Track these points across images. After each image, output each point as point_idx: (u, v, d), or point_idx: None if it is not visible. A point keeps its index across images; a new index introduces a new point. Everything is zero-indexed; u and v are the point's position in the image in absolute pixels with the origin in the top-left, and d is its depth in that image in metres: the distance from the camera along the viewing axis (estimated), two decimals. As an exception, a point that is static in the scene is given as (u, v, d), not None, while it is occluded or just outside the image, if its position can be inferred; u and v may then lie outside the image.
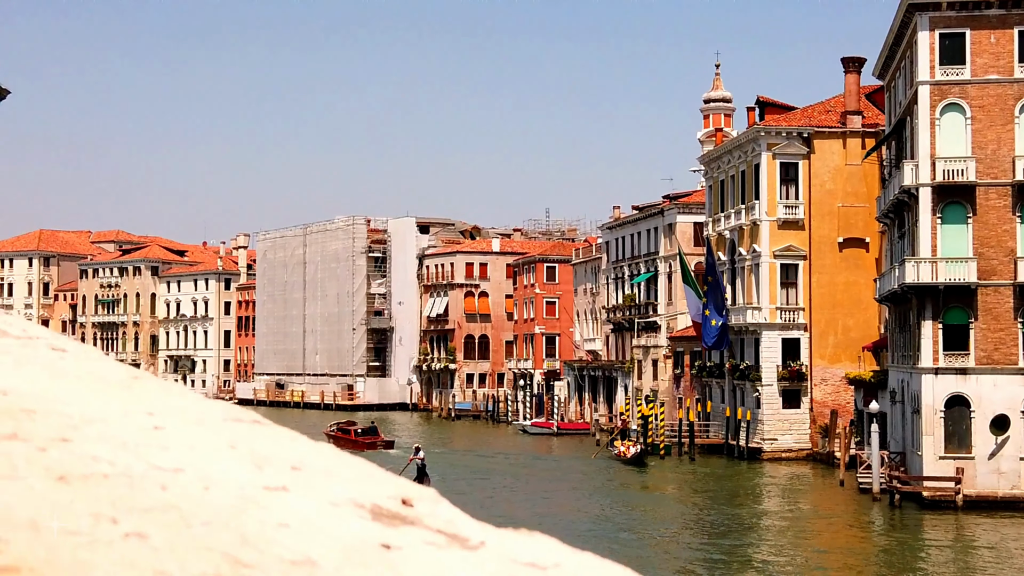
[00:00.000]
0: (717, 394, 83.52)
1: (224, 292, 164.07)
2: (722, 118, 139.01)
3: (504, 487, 63.41)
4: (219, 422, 1.60)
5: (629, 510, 55.57)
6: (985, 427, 54.21)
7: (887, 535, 49.71)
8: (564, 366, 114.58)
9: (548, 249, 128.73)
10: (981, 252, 54.69)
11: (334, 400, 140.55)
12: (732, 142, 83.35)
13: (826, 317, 76.54)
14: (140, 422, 1.47)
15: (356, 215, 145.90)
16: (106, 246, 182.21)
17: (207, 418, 1.61)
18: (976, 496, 53.46)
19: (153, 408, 1.54)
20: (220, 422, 1.60)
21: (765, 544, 46.95)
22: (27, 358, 1.66)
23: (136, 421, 1.47)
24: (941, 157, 55.14)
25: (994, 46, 55.20)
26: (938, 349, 54.88)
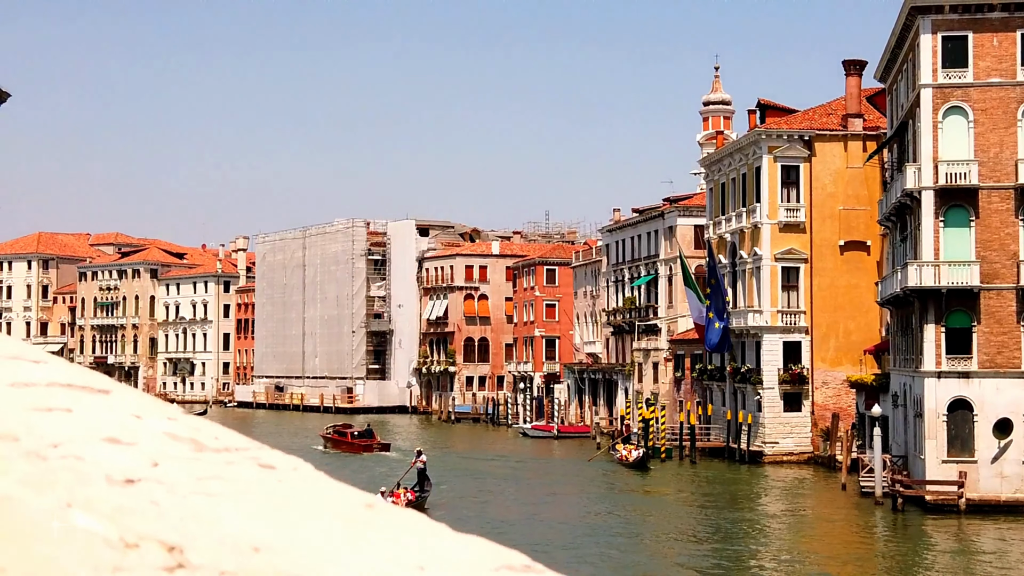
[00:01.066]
0: (718, 397, 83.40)
1: (223, 295, 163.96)
2: (721, 120, 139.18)
3: (504, 490, 63.25)
4: (491, 572, 1.42)
5: (630, 514, 55.44)
6: (988, 431, 54.09)
7: (890, 539, 49.62)
8: (564, 369, 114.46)
9: (548, 252, 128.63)
10: (984, 255, 54.59)
11: (333, 403, 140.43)
12: (733, 145, 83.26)
13: (827, 320, 76.44)
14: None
15: (355, 218, 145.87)
16: (105, 248, 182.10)
17: (478, 566, 1.42)
18: (979, 500, 53.33)
19: (419, 559, 1.34)
20: (492, 572, 1.42)
21: (768, 548, 46.82)
22: (241, 484, 1.45)
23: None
24: (943, 160, 55.05)
25: (996, 49, 55.11)
26: (941, 353, 54.78)
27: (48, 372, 1.64)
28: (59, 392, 1.56)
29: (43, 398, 1.51)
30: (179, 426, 1.58)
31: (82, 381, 1.63)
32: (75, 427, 1.44)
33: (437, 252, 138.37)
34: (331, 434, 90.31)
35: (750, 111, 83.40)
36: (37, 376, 1.61)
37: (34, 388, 1.55)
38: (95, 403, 1.56)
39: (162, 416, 1.61)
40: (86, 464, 1.35)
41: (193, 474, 1.40)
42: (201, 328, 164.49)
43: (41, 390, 1.55)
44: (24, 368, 1.65)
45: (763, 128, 78.08)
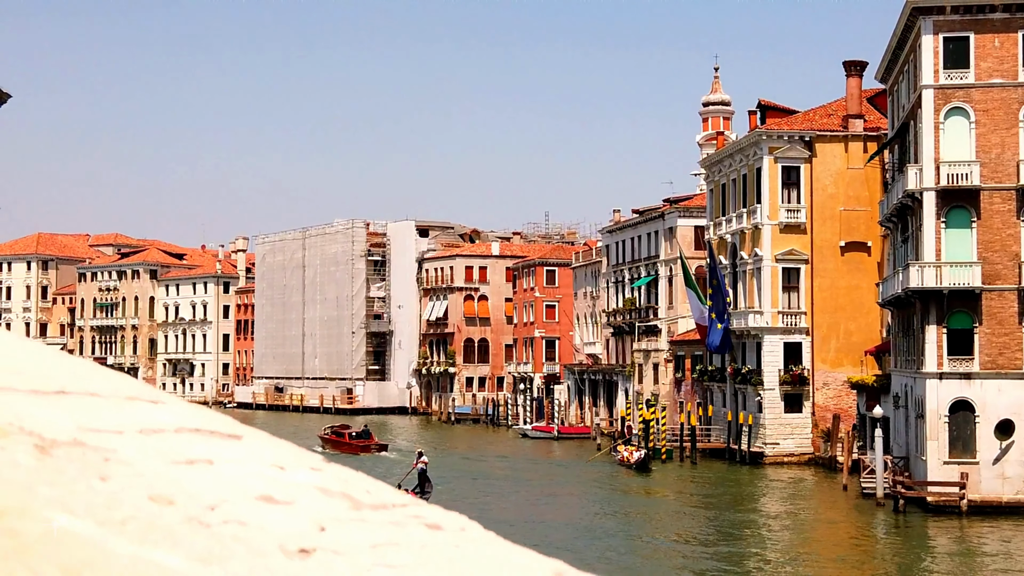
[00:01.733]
0: (718, 398, 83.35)
1: (223, 295, 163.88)
2: (721, 121, 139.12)
3: (505, 491, 63.19)
4: None
5: (632, 515, 55.39)
6: (989, 432, 54.05)
7: (891, 540, 49.57)
8: (564, 370, 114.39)
9: (548, 252, 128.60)
10: (985, 256, 54.55)
11: (333, 404, 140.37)
12: (733, 145, 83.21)
13: (828, 321, 76.39)
14: None
15: (355, 218, 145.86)
16: (104, 249, 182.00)
17: None
18: (980, 501, 53.28)
19: None
20: None
21: (769, 549, 46.77)
22: (417, 551, 1.31)
23: None
24: (945, 161, 55.00)
25: (998, 50, 55.07)
26: (942, 354, 54.73)
27: (172, 415, 1.54)
28: (192, 440, 1.47)
29: (179, 448, 1.41)
30: (327, 478, 1.46)
31: (209, 424, 1.54)
32: (224, 484, 1.34)
33: (437, 253, 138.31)
34: (329, 435, 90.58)
35: (750, 112, 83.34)
36: (163, 420, 1.51)
37: (165, 436, 1.45)
38: (232, 452, 1.47)
39: (305, 466, 1.50)
40: (252, 531, 1.24)
41: (366, 541, 1.28)
42: (201, 329, 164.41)
43: (172, 437, 1.45)
44: (145, 410, 1.54)
45: (763, 129, 78.03)
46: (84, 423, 1.42)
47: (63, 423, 1.41)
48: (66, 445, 1.33)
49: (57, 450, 1.31)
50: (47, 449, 1.31)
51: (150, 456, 1.36)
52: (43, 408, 1.44)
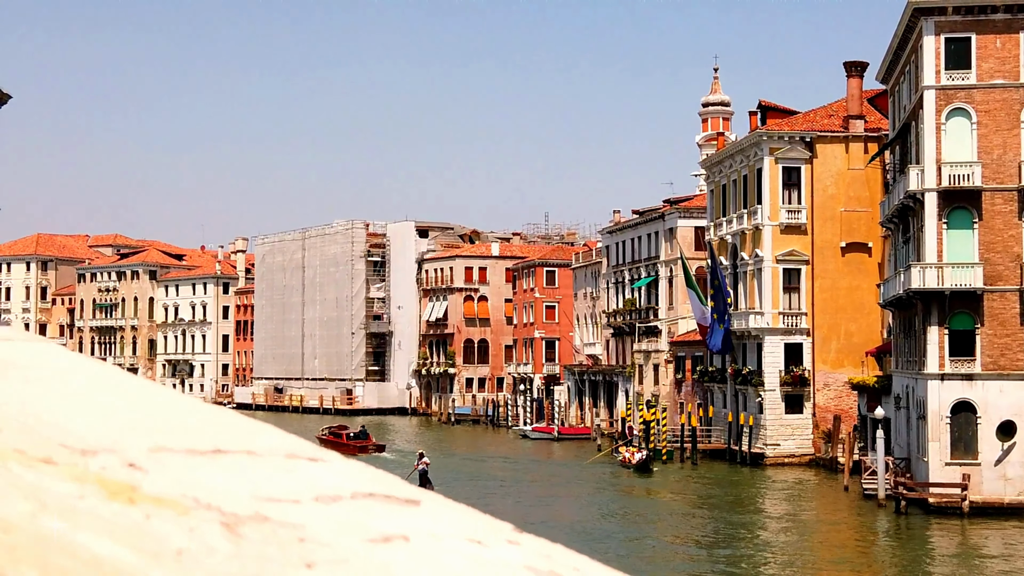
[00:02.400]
0: (719, 399, 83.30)
1: (222, 296, 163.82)
2: (720, 122, 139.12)
3: (506, 492, 63.14)
4: None
5: (634, 516, 55.33)
6: (991, 433, 54.01)
7: (893, 542, 49.54)
8: (564, 370, 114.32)
9: (547, 253, 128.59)
10: (987, 257, 54.50)
11: (333, 404, 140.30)
12: (734, 146, 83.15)
13: (829, 322, 76.34)
14: None
15: (355, 219, 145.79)
16: (104, 250, 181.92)
17: None
18: (982, 503, 53.23)
19: None
20: None
21: (771, 551, 46.72)
22: None
23: None
24: (947, 162, 54.95)
25: (1000, 51, 55.03)
26: (944, 355, 54.68)
27: (340, 476, 1.41)
28: (373, 509, 1.32)
29: (365, 521, 1.26)
30: (530, 554, 1.34)
31: (381, 487, 1.39)
32: (431, 568, 1.19)
33: (436, 253, 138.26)
34: (326, 436, 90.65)
35: (751, 112, 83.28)
36: (334, 484, 1.36)
37: (344, 505, 1.31)
38: (420, 523, 1.32)
39: (501, 538, 1.37)
40: None
41: None
42: (200, 330, 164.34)
43: (352, 507, 1.31)
44: (312, 472, 1.41)
45: (764, 129, 77.98)
46: (258, 491, 1.28)
47: (237, 492, 1.27)
48: (251, 521, 1.20)
49: (245, 528, 1.18)
50: (235, 528, 1.17)
51: (343, 533, 1.22)
52: (208, 473, 1.32)
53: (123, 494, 1.19)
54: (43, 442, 1.30)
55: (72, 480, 1.20)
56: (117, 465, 1.27)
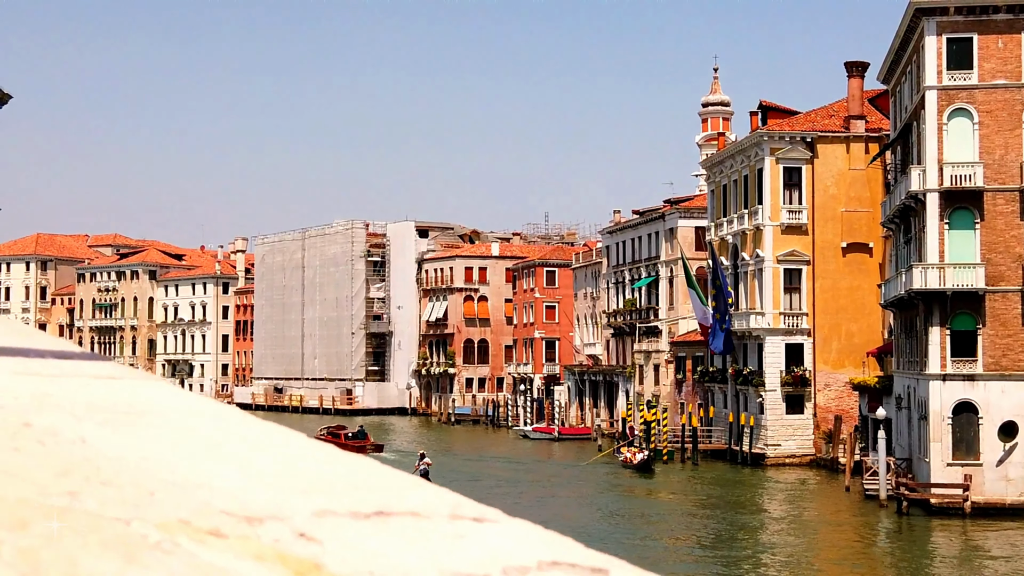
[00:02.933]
0: (719, 399, 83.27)
1: (222, 296, 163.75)
2: (720, 122, 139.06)
3: (508, 493, 63.06)
4: None
5: (635, 517, 55.29)
6: (993, 434, 53.98)
7: (895, 542, 49.50)
8: (564, 371, 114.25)
9: (547, 253, 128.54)
10: (989, 258, 54.46)
11: (333, 404, 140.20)
12: (735, 146, 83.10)
13: (829, 322, 76.32)
14: None
15: (355, 219, 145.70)
16: (103, 250, 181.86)
17: None
18: (984, 503, 53.21)
19: None
20: None
21: (773, 551, 46.68)
22: None
23: None
24: (948, 162, 54.91)
25: (1001, 51, 54.99)
26: (946, 355, 54.64)
27: (519, 543, 1.30)
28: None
29: None
30: None
31: (565, 554, 1.30)
32: None
33: (436, 253, 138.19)
34: (324, 436, 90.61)
35: (752, 113, 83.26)
36: (519, 554, 1.27)
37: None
38: None
39: None
40: None
41: None
42: (200, 330, 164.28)
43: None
44: (487, 538, 1.30)
45: (765, 130, 77.96)
46: (442, 566, 1.18)
47: (422, 568, 1.17)
48: None
49: None
50: None
51: None
52: (382, 543, 1.21)
53: (309, 575, 1.09)
54: (203, 508, 1.20)
55: (252, 558, 1.09)
56: (289, 536, 1.16)
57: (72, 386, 1.43)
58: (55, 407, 1.38)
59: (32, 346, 1.52)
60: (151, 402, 1.54)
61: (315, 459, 1.48)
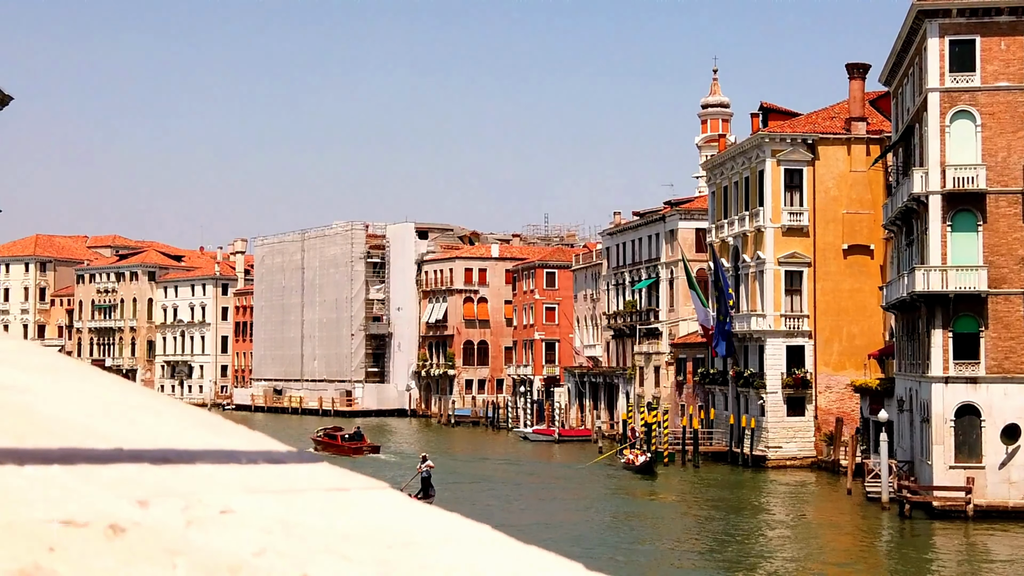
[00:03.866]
0: (720, 401, 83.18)
1: (222, 297, 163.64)
2: (720, 123, 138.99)
3: (509, 495, 62.96)
4: None
5: (636, 518, 55.20)
6: (995, 436, 53.89)
7: (897, 545, 49.41)
8: (564, 372, 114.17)
9: (547, 255, 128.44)
10: (991, 260, 54.37)
11: (332, 406, 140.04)
12: (736, 148, 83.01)
13: (831, 324, 76.23)
14: None
15: (354, 220, 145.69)
16: (103, 251, 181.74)
17: None
18: (987, 506, 53.13)
19: None
20: None
21: (775, 554, 46.59)
22: None
23: None
24: (951, 165, 54.82)
25: (1004, 53, 54.90)
26: (948, 358, 54.54)
27: None
28: None
29: None
30: None
31: None
32: None
33: (436, 255, 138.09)
34: (321, 437, 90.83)
35: (753, 114, 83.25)
36: None
37: None
38: None
39: None
40: None
41: None
42: (199, 331, 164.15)
43: None
44: None
45: (766, 131, 77.89)
46: None
47: None
48: None
49: None
50: None
51: None
52: None
53: None
54: None
55: None
56: None
57: (313, 508, 1.31)
58: (322, 549, 1.24)
59: (232, 444, 1.44)
60: (407, 527, 1.40)
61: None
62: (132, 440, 1.33)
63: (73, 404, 1.49)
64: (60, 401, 1.50)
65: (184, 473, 1.28)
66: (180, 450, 1.34)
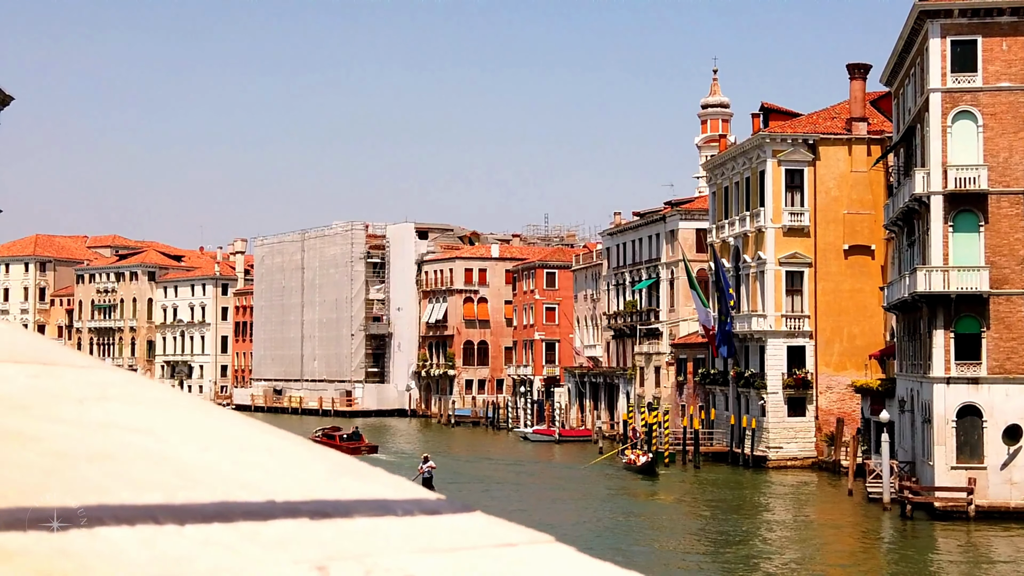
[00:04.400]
0: (721, 401, 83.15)
1: (221, 297, 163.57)
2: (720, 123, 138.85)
3: (510, 495, 62.92)
4: None
5: (638, 519, 55.17)
6: (997, 437, 53.86)
7: (899, 546, 49.36)
8: (564, 372, 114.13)
9: (547, 255, 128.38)
10: (993, 261, 54.34)
11: (332, 406, 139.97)
12: (736, 148, 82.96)
13: (831, 325, 76.20)
14: None
15: (354, 220, 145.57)
16: (102, 251, 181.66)
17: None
18: (988, 507, 53.10)
19: None
20: None
21: (777, 554, 46.55)
22: None
23: None
24: (953, 165, 54.79)
25: (1006, 53, 54.86)
26: (950, 358, 54.51)
27: None
28: None
29: None
30: None
31: None
32: None
33: (436, 255, 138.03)
34: (319, 437, 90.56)
35: (753, 115, 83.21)
36: None
37: None
38: None
39: None
40: None
41: None
42: (199, 331, 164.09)
43: None
44: None
45: (767, 132, 77.85)
46: None
47: None
48: None
49: None
50: None
51: None
52: None
53: None
54: None
55: None
56: None
57: (489, 570, 1.22)
58: None
59: (380, 492, 1.36)
60: None
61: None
62: (280, 490, 1.24)
63: (205, 447, 1.38)
64: (191, 444, 1.37)
65: (346, 529, 1.20)
66: (332, 501, 1.25)
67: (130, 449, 1.28)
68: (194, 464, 1.29)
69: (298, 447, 1.54)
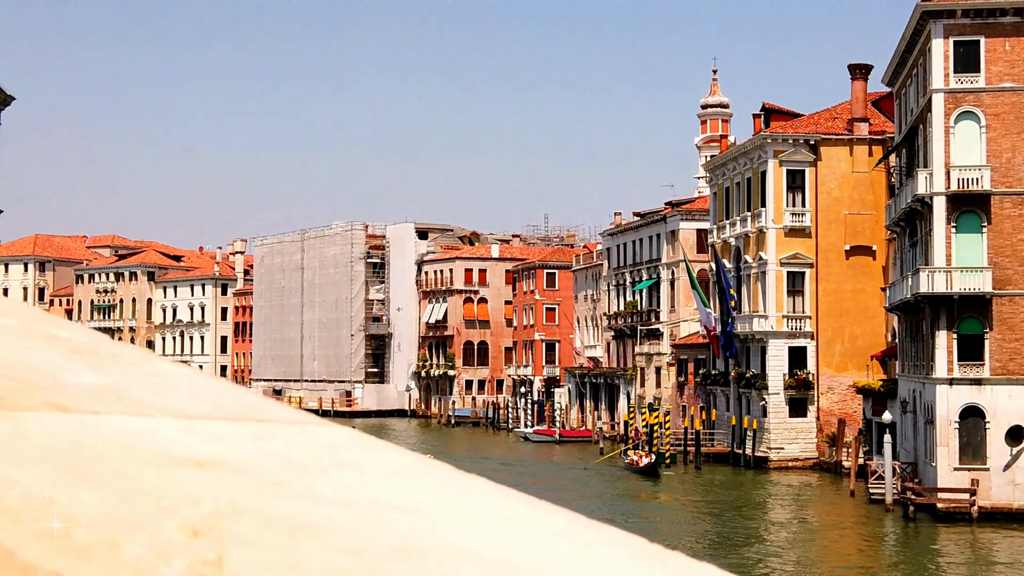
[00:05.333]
0: (722, 402, 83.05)
1: (221, 297, 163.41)
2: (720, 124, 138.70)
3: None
4: None
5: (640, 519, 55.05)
6: (1000, 438, 53.78)
7: (902, 547, 49.29)
8: (565, 373, 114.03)
9: (548, 255, 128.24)
10: (996, 261, 54.26)
11: (332, 406, 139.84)
12: (737, 149, 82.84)
13: (833, 325, 76.10)
14: None
15: (354, 220, 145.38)
16: (102, 251, 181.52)
17: None
18: (991, 508, 53.02)
19: None
20: None
21: (779, 556, 46.47)
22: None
23: None
24: (955, 166, 54.71)
25: (1009, 54, 54.78)
26: (952, 359, 54.43)
27: None
28: None
29: None
30: None
31: None
32: None
33: (436, 255, 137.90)
34: None
35: (755, 115, 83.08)
36: None
37: None
38: None
39: None
40: None
41: None
42: (199, 331, 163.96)
43: None
44: None
45: (768, 132, 77.73)
46: None
47: None
48: None
49: None
50: None
51: None
52: None
53: None
54: None
55: None
56: None
57: None
58: None
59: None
60: None
61: None
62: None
63: (502, 536, 1.11)
64: (483, 531, 1.11)
65: None
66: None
67: (424, 540, 0.99)
68: (496, 558, 1.05)
69: (574, 524, 1.26)
